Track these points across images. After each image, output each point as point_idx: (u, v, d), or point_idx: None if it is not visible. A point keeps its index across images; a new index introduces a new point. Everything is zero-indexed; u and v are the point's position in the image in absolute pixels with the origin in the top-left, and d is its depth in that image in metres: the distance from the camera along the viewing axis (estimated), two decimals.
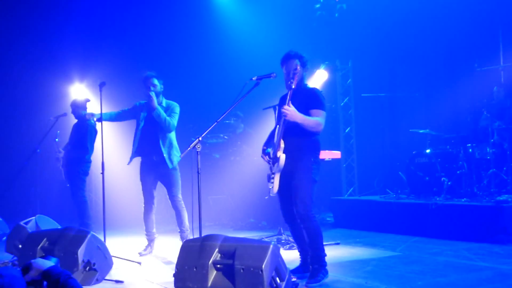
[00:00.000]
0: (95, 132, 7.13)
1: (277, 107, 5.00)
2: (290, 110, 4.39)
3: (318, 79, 9.21)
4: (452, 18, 8.67)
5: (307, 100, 4.59)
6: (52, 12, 10.29)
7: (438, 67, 9.22)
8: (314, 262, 4.48)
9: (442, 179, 7.35)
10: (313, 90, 4.71)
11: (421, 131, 8.08)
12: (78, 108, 7.21)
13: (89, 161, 7.13)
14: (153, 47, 10.47)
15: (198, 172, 4.44)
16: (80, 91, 10.38)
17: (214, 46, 10.74)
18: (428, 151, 7.84)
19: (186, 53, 10.82)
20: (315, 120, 4.48)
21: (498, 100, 7.68)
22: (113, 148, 9.35)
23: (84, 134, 6.99)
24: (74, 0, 10.36)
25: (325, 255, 4.52)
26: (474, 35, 8.43)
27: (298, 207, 4.43)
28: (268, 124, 6.80)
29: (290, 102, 4.43)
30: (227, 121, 8.75)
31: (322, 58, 9.08)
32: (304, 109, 4.50)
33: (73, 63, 10.53)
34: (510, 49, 8.20)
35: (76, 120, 7.28)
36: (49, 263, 3.06)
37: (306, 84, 4.78)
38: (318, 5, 9.30)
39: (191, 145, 4.39)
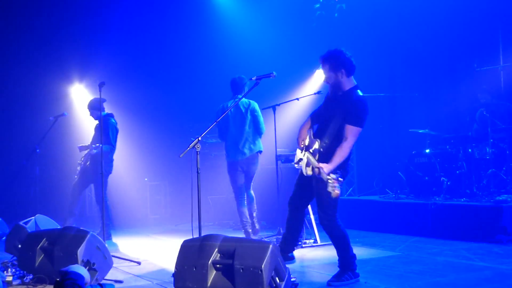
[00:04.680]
0: (117, 130, 7.19)
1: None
2: (321, 173, 4.15)
3: (317, 79, 9.21)
4: (452, 18, 8.65)
5: (345, 111, 4.39)
6: (52, 12, 10.28)
7: (437, 67, 9.21)
8: (341, 264, 4.48)
9: (442, 179, 7.35)
10: (353, 101, 4.43)
11: (420, 131, 8.07)
12: (95, 110, 7.22)
13: (112, 160, 7.20)
14: (152, 47, 10.46)
15: (197, 172, 4.44)
16: (79, 91, 10.37)
17: (214, 46, 10.72)
18: (427, 151, 7.83)
19: (186, 53, 10.81)
20: (340, 153, 4.26)
21: (497, 100, 7.68)
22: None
23: (107, 132, 6.97)
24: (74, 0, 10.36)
25: (355, 259, 4.50)
26: (474, 35, 8.41)
27: (322, 219, 4.52)
28: (267, 124, 6.78)
29: (319, 164, 4.22)
30: None
31: None
32: (340, 121, 4.38)
33: (72, 63, 10.52)
34: (510, 49, 8.19)
35: (96, 122, 7.30)
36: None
37: (349, 90, 4.50)
38: (317, 5, 9.30)
39: (190, 145, 4.39)
